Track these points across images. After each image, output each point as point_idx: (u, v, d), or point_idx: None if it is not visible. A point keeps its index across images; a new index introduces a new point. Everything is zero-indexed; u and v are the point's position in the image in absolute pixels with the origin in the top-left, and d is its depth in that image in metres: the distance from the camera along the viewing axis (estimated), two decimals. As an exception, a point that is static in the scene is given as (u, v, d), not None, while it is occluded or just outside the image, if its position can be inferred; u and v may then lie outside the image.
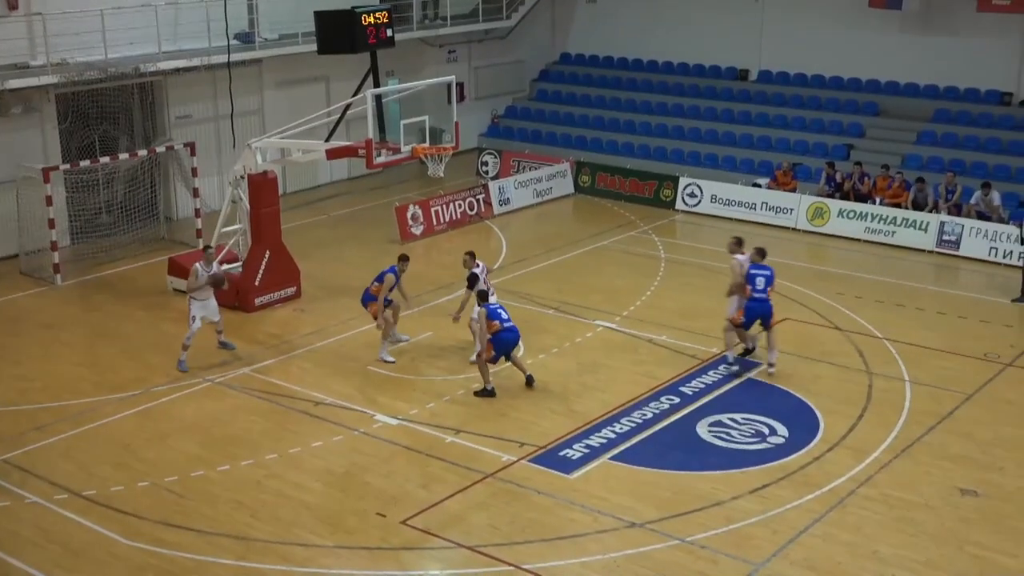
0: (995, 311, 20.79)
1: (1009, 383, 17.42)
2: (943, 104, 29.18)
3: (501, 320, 16.57)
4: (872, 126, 29.44)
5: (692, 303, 20.82)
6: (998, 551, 12.69)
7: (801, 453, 14.95)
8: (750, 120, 30.90)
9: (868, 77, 30.52)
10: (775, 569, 12.30)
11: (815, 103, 30.72)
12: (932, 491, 14.02)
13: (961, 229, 24.31)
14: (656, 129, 31.60)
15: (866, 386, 17.17)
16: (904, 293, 21.76)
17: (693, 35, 32.91)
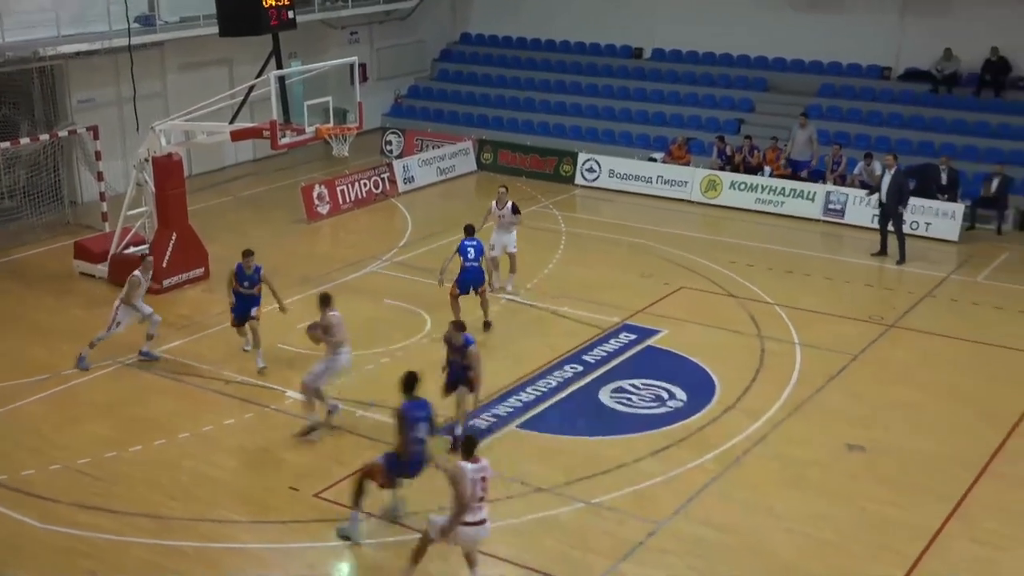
0: (878, 275, 21.39)
1: (892, 343, 17.95)
2: (828, 79, 29.77)
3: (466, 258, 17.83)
4: (761, 101, 29.91)
5: (592, 275, 21.01)
6: (884, 503, 13.09)
7: (699, 415, 15.24)
8: (645, 97, 31.18)
9: (757, 54, 30.98)
10: (676, 527, 12.56)
11: (707, 79, 31.11)
12: (822, 448, 14.40)
13: (846, 198, 24.89)
14: (555, 107, 31.73)
15: (759, 350, 17.53)
16: (793, 260, 22.22)
17: (589, 15, 33.04)
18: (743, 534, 12.45)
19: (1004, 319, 19.04)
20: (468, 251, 17.79)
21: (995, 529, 12.55)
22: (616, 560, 11.90)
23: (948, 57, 28.02)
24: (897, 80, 29.13)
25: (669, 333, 18.09)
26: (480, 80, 33.82)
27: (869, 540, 12.33)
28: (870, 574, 11.67)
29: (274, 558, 12.14)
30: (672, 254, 22.34)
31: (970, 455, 14.19)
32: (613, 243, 23.25)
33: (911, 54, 28.85)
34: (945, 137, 26.88)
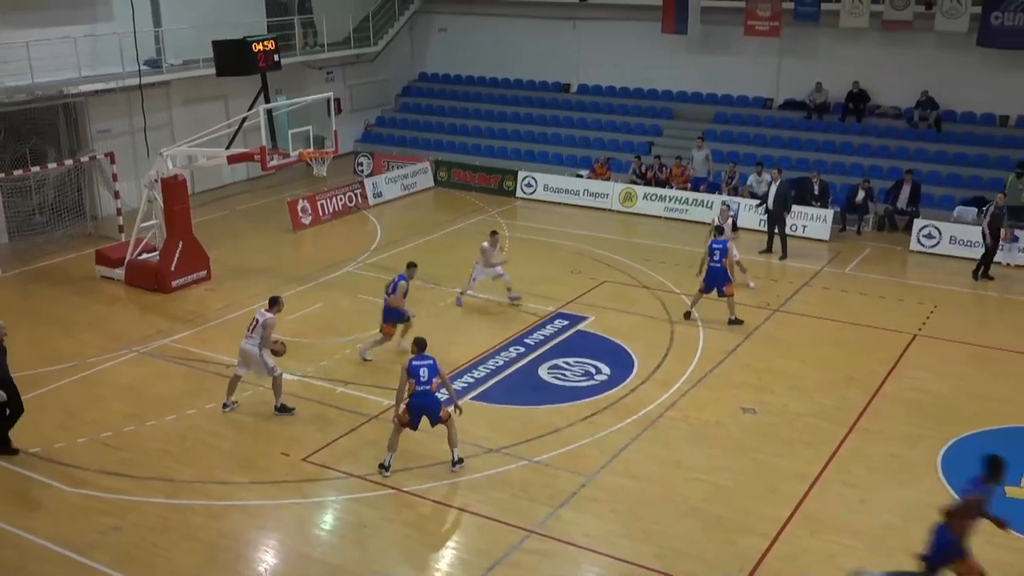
0: (765, 269, 21.55)
1: (777, 324, 18.10)
2: (721, 108, 29.95)
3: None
4: (668, 127, 30.01)
5: (531, 272, 20.94)
6: (772, 455, 13.21)
7: (621, 387, 15.26)
8: (572, 124, 31.17)
9: (663, 88, 31.07)
10: (603, 479, 12.57)
11: (623, 109, 31.16)
12: (722, 411, 14.48)
13: (737, 206, 25.04)
14: (499, 133, 31.62)
15: (669, 332, 17.60)
16: (695, 257, 22.16)
17: (525, 56, 32.96)
18: (657, 484, 12.49)
19: (867, 303, 19.28)
20: (420, 372, 12.51)
21: (863, 474, 12.70)
22: (554, 507, 11.89)
23: (818, 89, 28.32)
24: (778, 109, 29.38)
25: (595, 319, 18.10)
26: (436, 111, 33.62)
27: (761, 486, 12.42)
28: (762, 513, 11.74)
29: (269, 512, 11.99)
30: (596, 254, 22.36)
31: (841, 414, 14.35)
32: (548, 245, 23.21)
33: (788, 87, 29.12)
34: (817, 155, 27.16)
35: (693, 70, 30.21)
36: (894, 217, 24.53)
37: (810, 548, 11.08)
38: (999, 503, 11.90)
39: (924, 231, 23.05)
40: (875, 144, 27.04)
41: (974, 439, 13.62)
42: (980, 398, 14.94)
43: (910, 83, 27.04)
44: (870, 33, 27.05)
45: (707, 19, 28.97)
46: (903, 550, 10.98)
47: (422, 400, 12.51)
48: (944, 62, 26.65)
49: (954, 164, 25.86)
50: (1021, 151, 25.09)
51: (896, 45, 27.09)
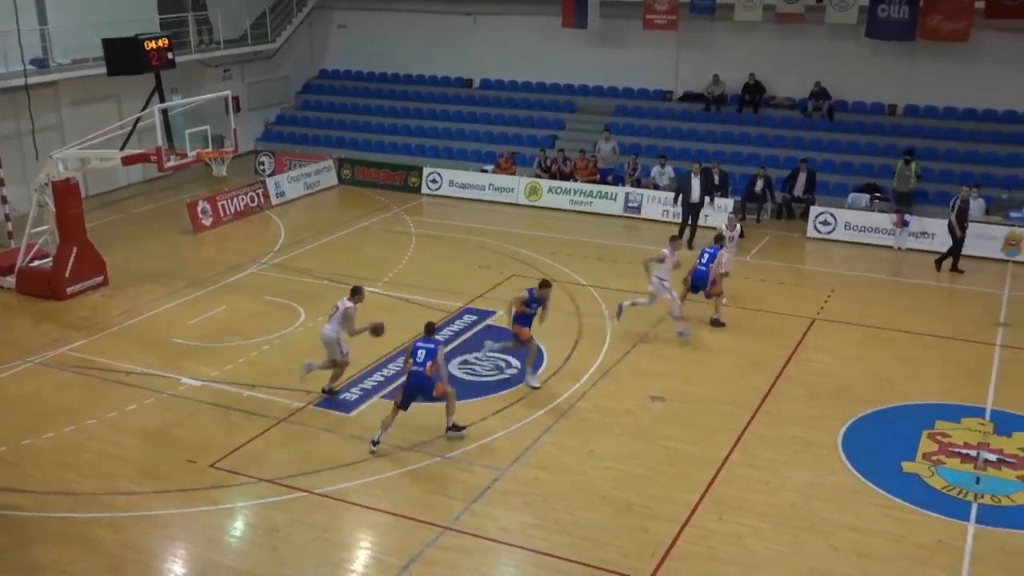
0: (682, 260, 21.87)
1: (684, 313, 18.38)
2: (622, 101, 30.34)
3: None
4: (571, 121, 30.28)
5: (439, 268, 20.94)
6: (682, 441, 13.45)
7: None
8: (476, 120, 31.19)
9: (565, 82, 31.34)
10: (517, 472, 12.64)
11: (526, 104, 31.31)
12: (631, 400, 14.68)
13: (641, 197, 25.47)
14: (402, 129, 31.46)
15: (577, 324, 17.77)
16: (601, 249, 22.61)
17: (427, 52, 32.85)
18: (570, 473, 12.61)
19: (768, 289, 19.79)
20: (418, 353, 13.10)
21: (768, 456, 13.03)
22: (469, 502, 11.91)
23: (716, 82, 28.92)
24: (677, 101, 29.90)
25: (504, 314, 18.12)
26: (338, 108, 33.26)
27: (671, 471, 12.64)
28: (673, 499, 11.96)
29: (177, 521, 11.70)
30: (504, 248, 22.44)
31: (746, 398, 14.70)
32: (455, 241, 23.21)
33: (687, 80, 29.66)
34: (716, 146, 27.75)
35: (594, 64, 30.54)
36: (791, 205, 25.24)
37: (719, 531, 11.34)
38: (895, 477, 12.43)
39: (820, 218, 23.77)
40: (771, 134, 27.76)
41: (872, 417, 14.13)
42: (877, 378, 15.48)
43: (803, 74, 27.83)
44: (764, 26, 27.75)
45: (606, 13, 29.30)
46: (808, 528, 11.35)
47: (415, 380, 12.97)
48: (835, 54, 27.50)
49: (847, 152, 26.73)
50: (909, 139, 26.06)
51: (789, 37, 27.84)
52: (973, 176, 24.53)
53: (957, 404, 14.50)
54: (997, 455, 13.00)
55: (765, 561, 10.79)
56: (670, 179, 25.71)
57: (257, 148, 31.45)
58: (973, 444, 13.29)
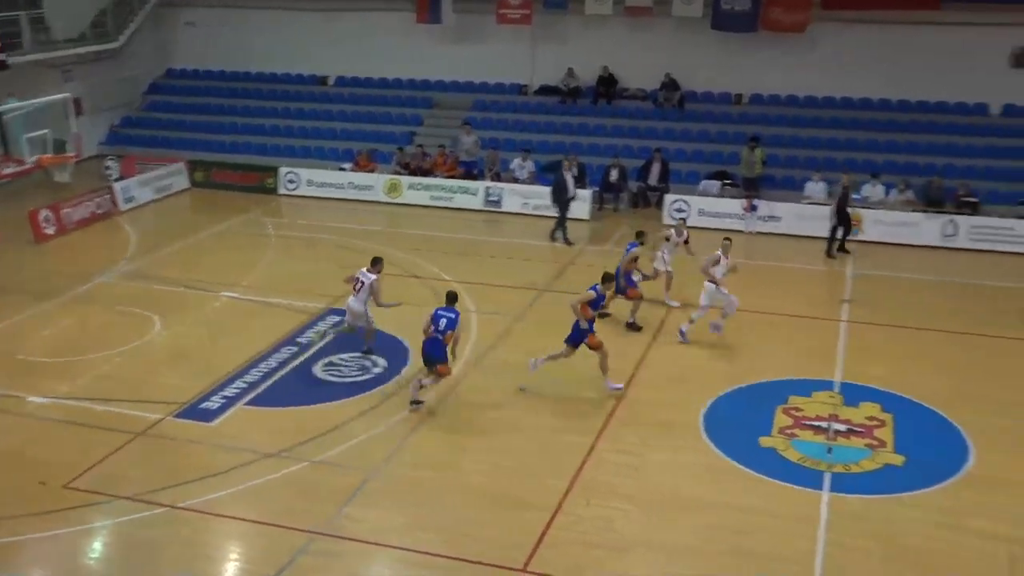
0: (532, 251, 22.18)
1: (545, 304, 18.66)
2: (480, 96, 30.48)
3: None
4: (429, 116, 30.22)
5: (300, 269, 20.60)
6: (551, 430, 13.62)
7: (398, 378, 15.26)
8: (332, 117, 30.77)
9: (422, 78, 31.26)
10: (388, 472, 12.56)
11: (383, 100, 31.07)
12: (499, 393, 14.77)
13: (502, 191, 25.66)
14: (256, 129, 30.74)
15: (443, 319, 17.77)
16: (464, 244, 22.68)
17: (279, 49, 32.15)
18: (442, 470, 12.62)
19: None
20: (440, 321, 13.85)
21: (633, 441, 13.35)
22: (340, 505, 11.77)
23: (571, 75, 29.38)
24: (533, 94, 30.24)
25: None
26: (188, 109, 32.20)
27: (542, 461, 12.80)
28: (543, 487, 12.11)
29: (31, 547, 11.13)
30: (365, 247, 22.16)
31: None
32: (315, 242, 22.86)
33: (542, 73, 30.02)
34: (572, 138, 28.18)
35: (450, 59, 30.56)
36: (647, 194, 25.91)
37: (589, 516, 11.56)
38: (753, 452, 12.93)
39: (675, 205, 24.47)
40: (625, 125, 28.38)
41: (730, 397, 14.66)
42: (733, 359, 16.07)
43: (654, 66, 28.55)
44: (615, 19, 28.35)
45: (460, 8, 29.36)
46: (674, 507, 11.69)
47: (430, 347, 13.83)
48: (683, 46, 28.33)
49: (697, 141, 27.59)
50: (755, 126, 27.08)
51: (639, 30, 28.53)
52: (816, 161, 25.71)
53: (808, 379, 15.19)
54: (846, 425, 13.69)
55: (634, 542, 11.07)
56: (530, 173, 26.00)
57: (102, 152, 30.16)
58: (824, 416, 13.95)
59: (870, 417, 13.94)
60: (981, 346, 16.74)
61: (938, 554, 10.78)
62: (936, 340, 16.87)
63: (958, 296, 19.65)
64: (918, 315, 17.71)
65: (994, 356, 16.30)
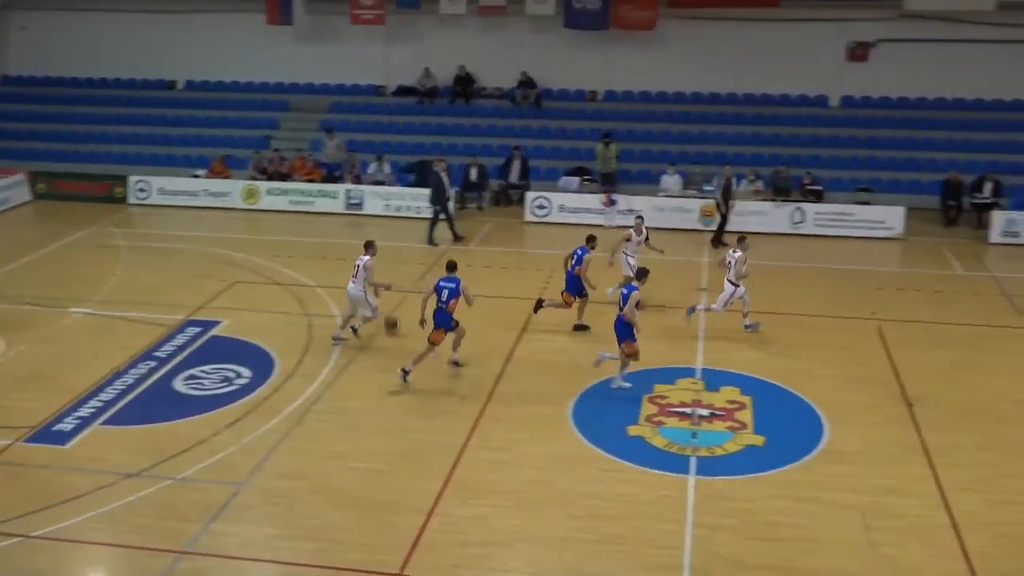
0: (397, 253, 21.99)
1: (411, 306, 18.27)
2: (337, 98, 30.13)
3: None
4: (285, 119, 29.69)
5: (155, 281, 19.88)
6: (421, 432, 13.53)
7: (263, 388, 14.91)
8: (183, 123, 29.84)
9: (276, 80, 30.68)
10: (256, 484, 12.24)
11: (236, 104, 30.33)
12: (367, 398, 14.62)
13: (363, 194, 25.41)
14: (101, 137, 29.55)
15: (307, 325, 17.47)
16: (326, 248, 22.35)
17: (123, 54, 31.04)
18: (312, 479, 12.39)
19: (492, 275, 20.36)
20: (442, 292, 14.62)
21: (504, 436, 13.42)
22: (206, 522, 11.40)
23: (428, 74, 29.35)
24: (391, 95, 30.08)
25: (229, 323, 17.52)
26: (25, 117, 30.66)
27: (413, 463, 12.72)
28: (417, 490, 12.04)
29: None
30: (224, 255, 21.65)
31: (480, 382, 15.04)
32: (171, 251, 22.11)
33: (399, 74, 29.90)
34: (432, 138, 28.17)
35: (305, 61, 30.09)
36: (508, 192, 26.12)
37: (464, 515, 11.55)
38: (621, 441, 13.19)
39: (536, 202, 24.75)
40: (484, 124, 28.54)
41: (597, 389, 14.90)
42: (601, 349, 16.32)
43: (510, 65, 28.81)
44: (470, 19, 28.49)
45: (312, 9, 28.95)
46: (547, 500, 11.81)
47: (439, 316, 14.62)
48: (538, 44, 28.70)
49: (555, 138, 27.99)
50: (610, 122, 27.67)
51: (494, 29, 28.74)
52: (669, 155, 26.45)
53: (671, 367, 15.61)
54: (709, 410, 14.12)
55: (510, 538, 11.13)
56: (387, 175, 25.87)
57: (-68, 165, 28.42)
58: (688, 402, 14.36)
59: (731, 401, 14.41)
60: (830, 327, 17.55)
61: (799, 527, 11.23)
62: (789, 323, 17.58)
63: (807, 280, 20.55)
64: (772, 299, 18.40)
65: (842, 335, 17.11)
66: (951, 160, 25.52)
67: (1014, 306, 18.81)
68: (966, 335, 17.03)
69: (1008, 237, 23.13)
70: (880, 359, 15.76)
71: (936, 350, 16.38)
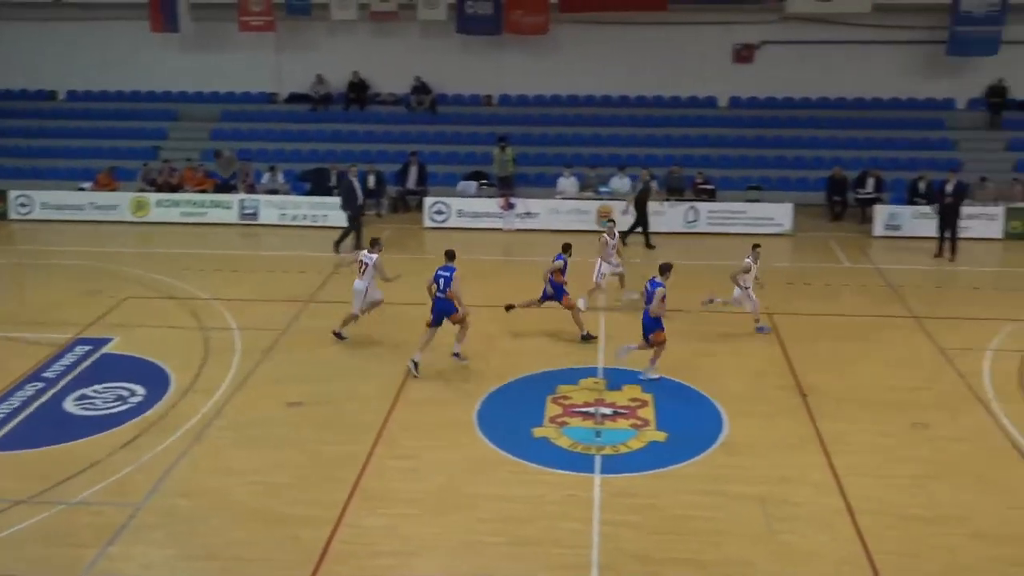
0: (293, 263, 21.71)
1: (310, 316, 18.33)
2: (227, 107, 29.56)
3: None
4: (174, 129, 29.00)
5: (41, 299, 19.17)
6: (325, 442, 13.35)
7: (159, 405, 14.49)
8: (66, 134, 28.89)
9: (163, 89, 29.94)
10: (155, 504, 11.87)
11: (123, 115, 29.52)
12: (269, 409, 14.35)
13: (257, 203, 24.98)
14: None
15: (203, 339, 17.08)
16: (221, 260, 21.91)
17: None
18: (213, 495, 12.09)
19: (394, 283, 20.18)
20: (439, 280, 15.29)
21: (411, 444, 13.32)
22: (103, 546, 11.00)
23: (320, 81, 29.04)
24: (283, 103, 29.68)
25: (121, 340, 16.99)
26: None
27: (318, 475, 12.53)
28: (322, 501, 11.86)
29: None
30: (114, 270, 21.00)
31: (385, 390, 14.89)
32: (57, 268, 21.33)
33: (291, 81, 29.54)
34: (327, 146, 27.89)
35: (193, 69, 29.46)
36: (406, 198, 26.02)
37: (372, 525, 11.44)
38: (527, 443, 13.26)
39: (434, 208, 24.71)
40: (379, 131, 28.39)
41: (502, 392, 14.95)
42: (502, 354, 16.40)
43: (404, 70, 28.75)
44: (362, 24, 28.32)
45: (199, 16, 28.34)
46: (456, 506, 11.78)
47: (439, 305, 15.20)
48: (431, 49, 28.69)
49: (452, 143, 28.01)
50: (506, 127, 27.83)
51: (386, 35, 28.62)
52: (565, 157, 26.74)
53: (574, 368, 15.76)
54: (612, 408, 14.30)
55: (420, 546, 11.06)
56: (281, 185, 25.52)
57: None
58: (591, 402, 14.51)
59: (633, 399, 14.63)
60: (725, 322, 17.97)
61: (703, 520, 11.45)
62: (687, 320, 17.93)
63: (703, 277, 20.98)
64: (670, 298, 18.71)
65: (738, 330, 17.54)
66: (835, 157, 26.45)
67: (898, 296, 19.59)
68: (854, 326, 17.66)
69: (890, 230, 24.10)
70: (775, 352, 16.20)
71: (827, 341, 16.93)
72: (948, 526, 11.26)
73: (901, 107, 28.40)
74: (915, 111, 28.32)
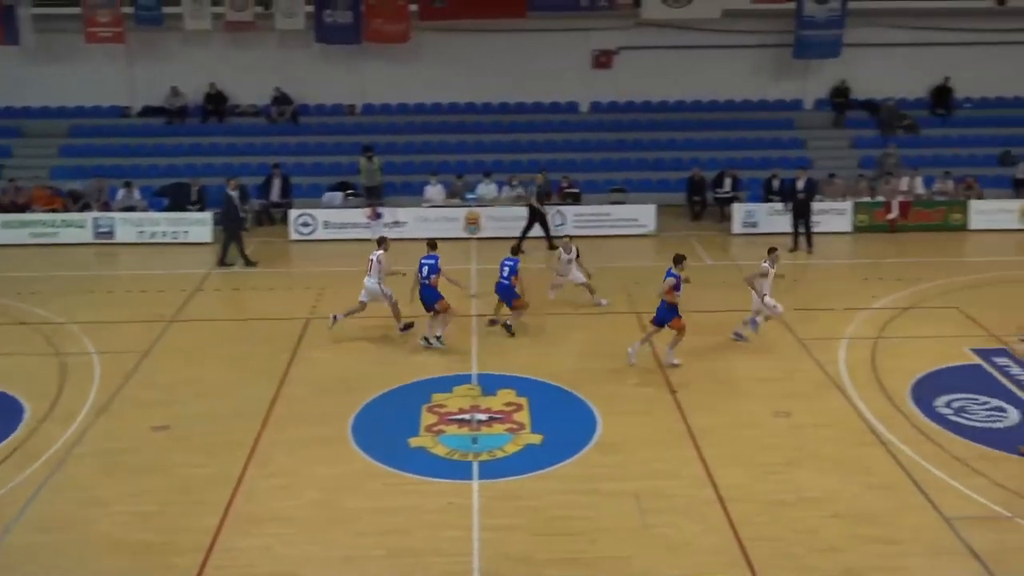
0: (153, 282, 20.96)
1: (175, 334, 17.78)
2: (76, 122, 28.41)
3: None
4: (19, 146, 27.70)
5: None
6: (194, 465, 12.94)
7: (14, 436, 13.75)
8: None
9: (5, 105, 28.53)
10: (12, 541, 11.26)
11: (-40, 132, 27.98)
12: (132, 435, 13.81)
13: (113, 221, 24.08)
14: None
15: (59, 365, 16.34)
16: (76, 282, 20.99)
17: None
18: (77, 528, 11.56)
19: (259, 297, 19.85)
20: (423, 268, 16.21)
21: (283, 461, 13.06)
22: (-44, 590, 10.41)
23: (176, 93, 28.23)
24: (137, 116, 28.72)
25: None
26: None
27: (186, 500, 12.13)
28: (194, 527, 11.47)
29: None
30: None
31: (253, 408, 14.56)
32: None
33: (145, 94, 28.65)
34: (185, 159, 27.12)
35: (37, 83, 28.19)
36: (270, 211, 25.52)
37: (246, 547, 11.15)
38: (403, 454, 13.19)
39: (300, 220, 24.32)
40: (240, 143, 27.77)
41: (376, 403, 14.81)
42: (374, 365, 16.27)
43: (263, 81, 28.23)
44: (217, 35, 27.67)
45: (42, 27, 27.17)
46: (333, 521, 11.60)
47: (424, 292, 16.11)
48: (290, 59, 28.27)
49: (315, 154, 27.64)
50: (370, 136, 27.65)
51: (244, 45, 28.04)
52: (431, 165, 26.73)
53: (447, 375, 15.75)
54: (487, 414, 14.35)
55: (298, 564, 10.84)
56: (138, 200, 24.75)
57: None
58: (466, 408, 14.53)
59: (508, 403, 14.72)
60: (596, 324, 18.27)
61: (582, 519, 11.61)
62: (556, 323, 18.16)
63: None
64: (536, 302, 18.95)
65: (608, 330, 17.86)
66: (694, 158, 27.27)
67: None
68: (716, 322, 18.19)
69: (748, 227, 25.01)
70: (644, 351, 16.56)
71: (693, 337, 17.38)
72: (811, 509, 11.75)
73: (753, 108, 29.53)
74: (766, 112, 29.49)
